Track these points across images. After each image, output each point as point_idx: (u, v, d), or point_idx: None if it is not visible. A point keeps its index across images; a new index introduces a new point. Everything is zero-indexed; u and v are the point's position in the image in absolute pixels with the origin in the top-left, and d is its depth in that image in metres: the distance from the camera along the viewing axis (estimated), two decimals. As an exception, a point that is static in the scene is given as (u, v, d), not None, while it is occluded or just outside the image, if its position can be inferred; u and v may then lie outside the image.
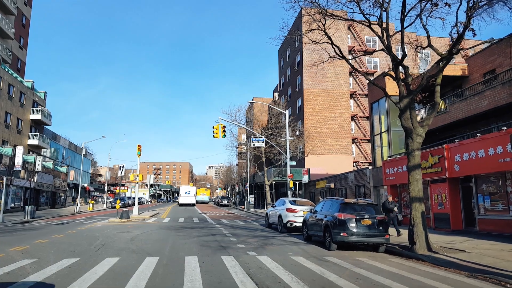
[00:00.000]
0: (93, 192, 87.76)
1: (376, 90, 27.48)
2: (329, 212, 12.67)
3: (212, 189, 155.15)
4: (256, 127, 40.86)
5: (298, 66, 47.63)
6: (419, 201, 12.01)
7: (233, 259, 9.60)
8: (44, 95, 54.22)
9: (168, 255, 10.36)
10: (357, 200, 12.69)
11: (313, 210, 14.49)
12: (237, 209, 50.72)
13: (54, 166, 54.33)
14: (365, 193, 28.02)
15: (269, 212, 21.13)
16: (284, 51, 55.06)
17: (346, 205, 12.20)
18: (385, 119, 26.36)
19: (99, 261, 9.10)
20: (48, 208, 51.34)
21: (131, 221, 23.88)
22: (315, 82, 45.45)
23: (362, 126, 46.53)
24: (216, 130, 23.62)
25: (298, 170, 40.88)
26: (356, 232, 11.59)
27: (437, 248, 11.78)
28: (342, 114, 45.33)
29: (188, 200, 61.25)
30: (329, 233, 12.08)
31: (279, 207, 19.37)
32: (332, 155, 43.99)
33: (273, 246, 12.72)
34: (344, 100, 45.81)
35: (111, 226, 20.34)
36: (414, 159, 12.28)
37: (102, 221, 24.44)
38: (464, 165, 17.87)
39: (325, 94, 45.40)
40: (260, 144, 26.53)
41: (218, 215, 33.53)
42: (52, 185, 52.37)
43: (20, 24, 50.01)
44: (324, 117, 44.68)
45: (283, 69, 55.56)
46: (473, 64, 23.26)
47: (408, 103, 12.52)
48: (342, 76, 46.19)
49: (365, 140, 46.50)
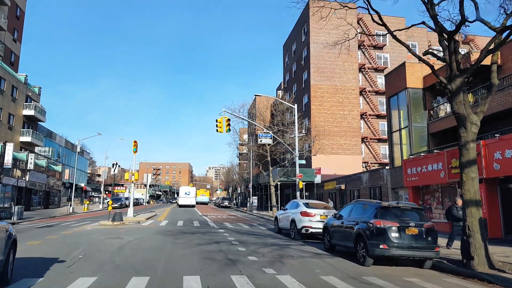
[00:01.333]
0: (90, 192, 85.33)
1: (395, 83, 25.16)
2: (361, 218, 10.31)
3: (212, 190, 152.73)
4: (261, 123, 38.45)
5: (305, 61, 45.30)
6: (475, 205, 9.65)
7: (247, 281, 7.24)
8: (38, 90, 51.89)
9: (162, 273, 7.99)
10: (397, 203, 10.30)
11: (337, 215, 12.13)
12: (239, 211, 48.33)
13: (48, 165, 51.97)
14: (381, 195, 25.64)
15: (279, 215, 18.76)
16: (290, 46, 52.74)
17: (384, 209, 9.84)
18: (405, 114, 24.01)
19: (66, 284, 6.73)
20: (41, 208, 48.97)
21: (124, 224, 21.50)
22: (323, 78, 43.12)
23: (372, 125, 44.15)
24: (220, 123, 21.22)
25: (305, 170, 38.48)
26: (399, 244, 9.22)
27: (499, 265, 9.42)
28: (351, 111, 42.96)
29: (188, 201, 59.09)
30: (363, 244, 9.72)
31: (292, 210, 17.00)
32: (341, 155, 41.60)
33: (291, 259, 10.36)
34: (353, 97, 43.45)
35: (101, 230, 17.97)
36: (469, 152, 9.90)
37: (92, 224, 22.07)
38: (506, 163, 15.49)
39: (333, 90, 43.05)
40: (268, 140, 24.13)
41: (220, 218, 31.17)
42: (45, 184, 49.99)
43: (14, 16, 47.70)
44: (332, 115, 42.31)
45: (288, 65, 53.23)
46: (507, 52, 20.89)
47: (461, 84, 10.13)
48: (351, 72, 43.85)
49: (375, 140, 44.12)
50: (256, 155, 38.56)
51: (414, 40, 49.96)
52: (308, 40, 44.10)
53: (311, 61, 43.16)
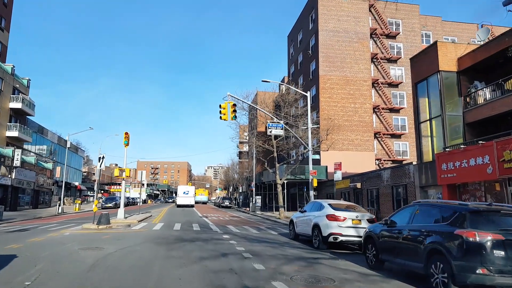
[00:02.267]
0: (86, 191, 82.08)
1: (423, 66, 22.01)
2: (435, 227, 7.19)
3: (210, 190, 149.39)
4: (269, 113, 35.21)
5: (313, 50, 42.12)
6: None
7: None
8: (27, 82, 48.65)
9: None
10: (489, 204, 7.15)
11: (388, 221, 8.99)
12: (241, 212, 45.17)
13: (37, 162, 48.71)
14: (406, 195, 22.50)
15: (296, 219, 15.62)
16: (295, 36, 49.56)
17: (477, 214, 6.70)
18: (436, 101, 20.86)
19: None
20: (30, 208, 45.79)
21: (111, 228, 18.32)
22: (332, 68, 39.96)
23: (385, 119, 41.00)
24: (224, 110, 17.98)
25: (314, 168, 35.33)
26: (507, 268, 6.09)
27: None
28: (363, 104, 39.81)
29: (187, 200, 56.11)
30: (442, 265, 6.61)
31: (313, 213, 13.87)
32: (352, 151, 38.48)
33: (334, 285, 7.23)
34: (365, 89, 40.30)
35: (80, 237, 14.80)
36: None
37: (74, 228, 18.91)
38: None
39: (343, 81, 39.90)
40: (279, 132, 20.78)
41: (222, 220, 28.02)
42: (34, 183, 46.78)
43: (1, 3, 44.47)
44: (343, 108, 39.17)
45: (294, 57, 50.06)
46: None
47: None
48: (363, 62, 40.69)
49: (387, 135, 40.97)
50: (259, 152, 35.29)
51: (428, 29, 46.93)
52: (317, 27, 40.93)
53: (320, 50, 39.98)
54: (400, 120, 41.90)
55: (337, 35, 40.63)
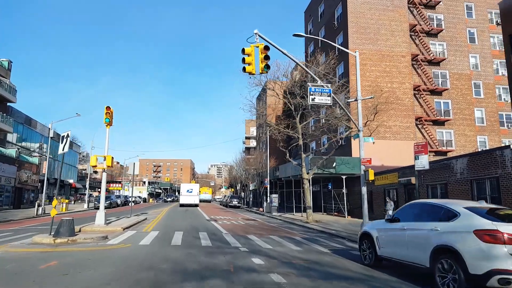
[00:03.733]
0: (83, 190, 75.94)
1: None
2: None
3: (214, 188, 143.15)
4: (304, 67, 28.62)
5: (340, 21, 35.55)
6: None
7: None
8: (8, 65, 42.56)
9: None
10: None
11: None
12: (253, 213, 38.78)
13: (19, 155, 42.59)
14: (499, 192, 15.91)
15: (380, 233, 9.11)
16: (315, 9, 42.97)
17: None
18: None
19: None
20: (10, 208, 39.59)
21: (74, 243, 11.86)
22: (364, 41, 33.40)
23: (427, 103, 34.38)
24: (250, 56, 11.08)
25: (346, 160, 28.85)
26: None
27: None
28: (401, 84, 33.22)
29: (191, 199, 50.04)
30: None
31: (427, 225, 7.41)
32: (389, 140, 31.94)
33: None
34: (404, 66, 33.69)
35: (6, 262, 8.42)
36: None
37: (24, 240, 12.55)
38: None
39: (378, 57, 33.33)
40: (325, 99, 14.10)
41: (236, 225, 21.64)
42: (15, 179, 40.57)
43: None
44: (377, 87, 32.61)
45: (313, 33, 43.48)
46: None
47: None
48: (400, 34, 34.09)
49: (430, 122, 34.37)
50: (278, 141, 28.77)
51: (471, 1, 40.25)
52: (344, -7, 34.38)
53: (349, 19, 33.41)
54: (443, 104, 35.27)
55: (369, 1, 34.06)
